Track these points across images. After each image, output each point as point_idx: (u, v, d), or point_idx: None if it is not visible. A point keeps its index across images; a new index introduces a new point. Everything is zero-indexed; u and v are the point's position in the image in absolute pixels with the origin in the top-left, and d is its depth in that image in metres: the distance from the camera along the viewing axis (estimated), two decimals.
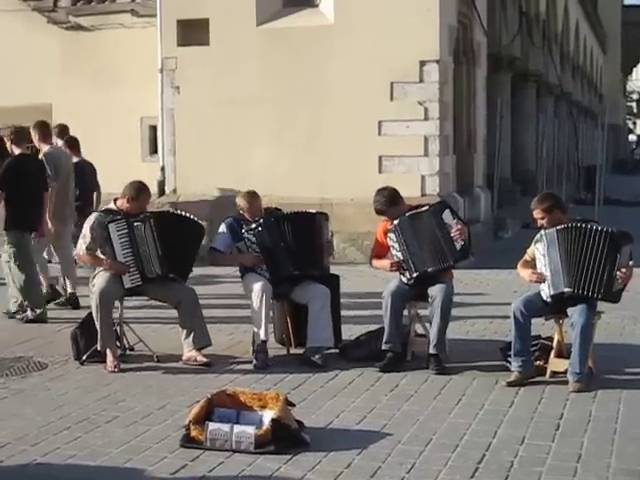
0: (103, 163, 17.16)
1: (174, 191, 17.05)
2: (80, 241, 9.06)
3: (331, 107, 15.92)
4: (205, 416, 6.71)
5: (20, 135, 11.44)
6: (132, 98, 17.65)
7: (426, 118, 15.64)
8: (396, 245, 8.86)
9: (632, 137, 78.33)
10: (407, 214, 8.87)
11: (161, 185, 17.19)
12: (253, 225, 9.09)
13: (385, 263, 9.00)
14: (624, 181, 38.04)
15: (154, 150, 17.94)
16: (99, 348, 8.81)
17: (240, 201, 9.29)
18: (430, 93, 15.61)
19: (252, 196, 9.31)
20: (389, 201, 8.95)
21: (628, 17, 58.12)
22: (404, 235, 8.82)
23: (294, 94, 16.09)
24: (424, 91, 15.61)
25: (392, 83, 15.64)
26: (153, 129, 17.88)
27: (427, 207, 8.93)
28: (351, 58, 15.73)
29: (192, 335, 8.88)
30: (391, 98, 15.70)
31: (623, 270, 7.91)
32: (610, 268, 7.89)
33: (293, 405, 6.94)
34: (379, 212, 9.03)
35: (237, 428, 6.51)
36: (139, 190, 9.08)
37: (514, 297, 11.69)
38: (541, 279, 8.13)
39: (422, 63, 15.55)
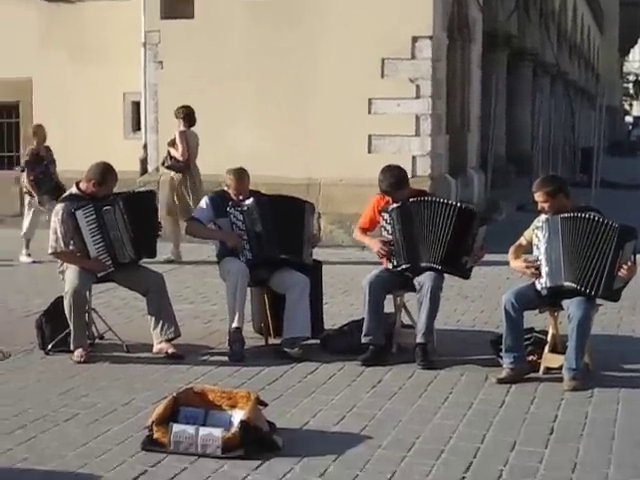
0: (85, 140, 16.84)
1: (157, 170, 16.47)
2: (52, 237, 8.47)
3: (320, 84, 15.40)
4: (170, 416, 6.22)
5: None
6: (115, 73, 17.04)
7: (418, 96, 15.14)
8: (389, 227, 8.33)
9: (628, 119, 77.71)
10: (412, 199, 8.31)
11: (143, 163, 16.72)
12: (246, 202, 8.58)
13: (374, 242, 8.44)
14: (620, 163, 37.53)
15: (137, 127, 17.36)
16: (72, 347, 8.34)
17: (228, 177, 8.80)
18: (422, 70, 15.10)
19: (241, 173, 8.82)
20: (398, 182, 8.42)
21: None
22: (403, 220, 8.28)
23: (281, 71, 15.54)
24: (416, 68, 15.09)
25: (383, 59, 15.13)
26: (136, 105, 17.31)
27: (452, 201, 8.44)
28: (341, 34, 15.20)
29: (160, 325, 8.41)
30: (382, 75, 15.19)
31: (625, 267, 7.37)
32: (612, 265, 7.35)
33: (265, 405, 6.44)
34: (385, 192, 8.47)
35: (203, 430, 6.02)
36: (105, 173, 8.55)
37: (506, 285, 11.41)
38: (536, 275, 7.59)
39: (414, 39, 15.02)
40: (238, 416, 6.15)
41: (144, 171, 16.68)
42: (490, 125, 20.38)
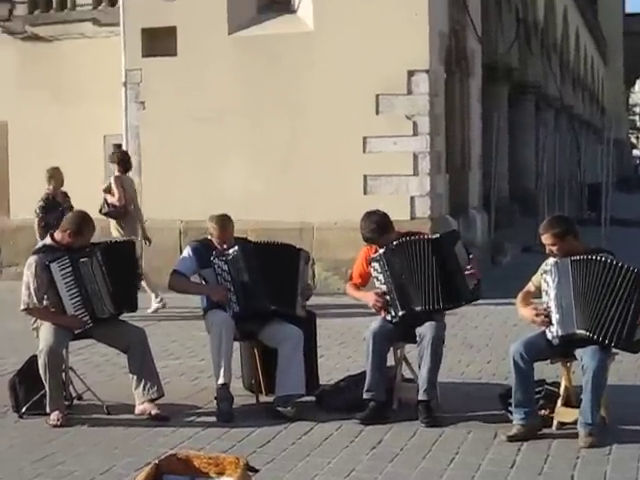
0: (65, 185, 16.56)
1: None
2: (24, 292, 8.23)
3: (311, 122, 15.25)
4: None
5: None
6: (95, 114, 16.93)
7: (415, 133, 14.97)
8: (380, 277, 8.14)
9: (636, 152, 77.81)
10: (395, 242, 8.13)
11: None
12: (230, 250, 8.38)
13: (368, 295, 8.25)
14: (629, 199, 37.44)
15: None
16: (48, 410, 8.10)
17: (210, 225, 8.60)
18: (419, 106, 14.94)
19: (224, 220, 8.61)
20: (380, 228, 8.21)
21: (630, 26, 57.71)
22: (390, 266, 8.08)
23: (270, 108, 15.41)
24: (413, 104, 14.94)
25: (377, 95, 14.98)
26: (118, 148, 17.06)
27: (434, 235, 8.24)
28: (333, 68, 15.08)
29: (142, 385, 8.18)
30: (377, 112, 15.04)
31: None
32: (634, 314, 7.13)
33: (256, 471, 6.16)
34: (367, 240, 8.30)
35: None
36: (82, 222, 8.35)
37: (514, 332, 11.21)
38: (546, 323, 7.38)
39: (410, 73, 14.88)
40: None
41: None
42: (492, 162, 20.20)
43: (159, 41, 15.87)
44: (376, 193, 14.97)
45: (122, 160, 14.15)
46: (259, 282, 8.33)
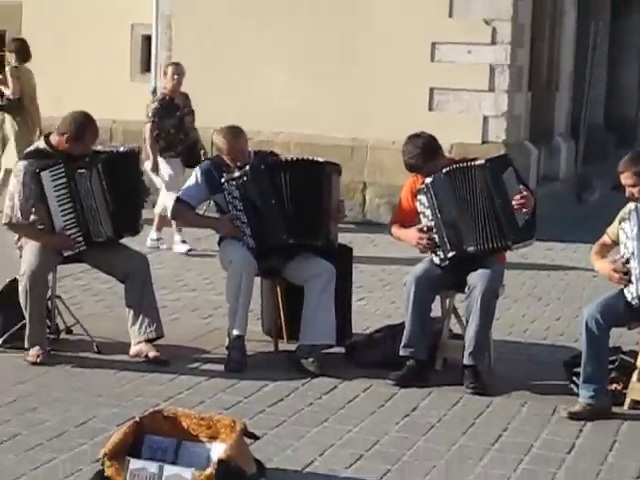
0: (84, 82, 16.35)
1: None
2: (8, 203, 7.95)
3: (371, 23, 14.76)
4: (131, 446, 5.67)
5: None
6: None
7: (494, 42, 14.47)
8: (427, 212, 7.78)
9: None
10: (444, 170, 7.73)
11: None
12: (237, 173, 7.98)
13: (410, 234, 7.88)
14: None
15: (147, 67, 16.77)
16: (26, 345, 7.88)
17: (218, 139, 8.27)
18: (501, 9, 14.42)
19: (234, 133, 8.26)
20: (425, 153, 7.84)
21: None
22: (439, 199, 7.71)
23: (325, 3, 14.92)
24: (493, 6, 14.41)
25: None
26: (147, 40, 16.73)
27: (478, 161, 7.78)
28: None
29: (139, 322, 7.91)
30: (450, 14, 14.54)
31: None
32: None
33: (255, 438, 5.89)
34: (411, 168, 7.97)
35: (169, 470, 5.48)
36: (83, 126, 8.00)
37: (592, 285, 10.78)
38: (625, 281, 6.94)
39: None
40: (218, 451, 5.60)
41: None
42: (586, 82, 19.62)
43: None
44: (443, 110, 14.58)
45: (20, 49, 14.15)
46: (275, 209, 8.00)
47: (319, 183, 8.17)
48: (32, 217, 7.95)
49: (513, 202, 7.58)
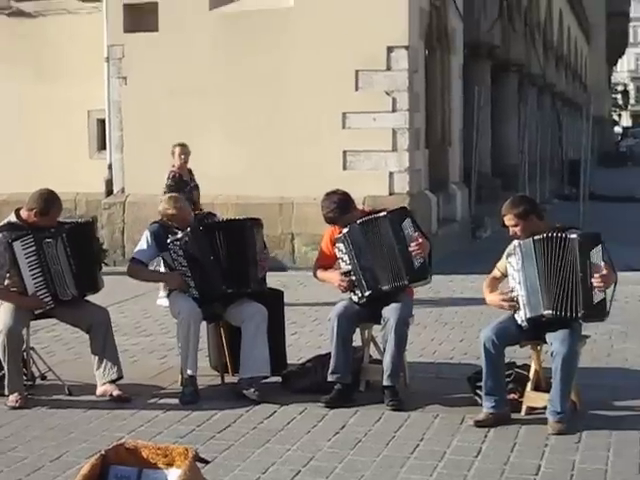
0: (49, 161, 16.08)
1: (122, 190, 15.74)
2: None
3: (291, 98, 14.69)
4: (98, 477, 5.42)
5: None
6: (79, 90, 16.22)
7: (394, 109, 14.41)
8: (345, 257, 7.61)
9: (617, 129, 77.11)
10: (359, 221, 7.58)
11: (109, 184, 15.95)
12: (179, 235, 7.79)
13: (333, 276, 7.73)
14: (610, 175, 36.91)
15: (103, 146, 16.54)
16: (6, 392, 7.57)
17: (163, 207, 8.03)
18: (399, 82, 14.37)
19: (177, 200, 8.08)
20: (340, 207, 7.68)
21: (613, 7, 56.84)
22: (355, 246, 7.56)
23: (251, 84, 14.83)
24: (392, 80, 14.36)
25: (357, 71, 14.41)
26: (102, 123, 16.52)
27: (384, 213, 7.65)
28: (312, 44, 14.50)
29: (103, 366, 7.67)
30: (356, 88, 14.47)
31: (597, 276, 6.60)
32: (583, 279, 6.60)
33: (206, 462, 5.63)
34: (329, 220, 7.78)
35: None
36: (49, 202, 7.73)
37: (489, 310, 10.60)
38: (514, 307, 6.84)
39: (390, 49, 14.31)
40: (174, 476, 5.38)
41: (109, 192, 15.91)
42: (474, 138, 19.62)
43: (141, 17, 15.25)
44: (355, 169, 14.45)
45: None
46: (213, 265, 7.76)
47: (244, 237, 7.91)
48: (6, 282, 7.72)
49: (410, 248, 7.46)
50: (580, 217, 18.19)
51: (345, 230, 7.58)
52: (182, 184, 11.90)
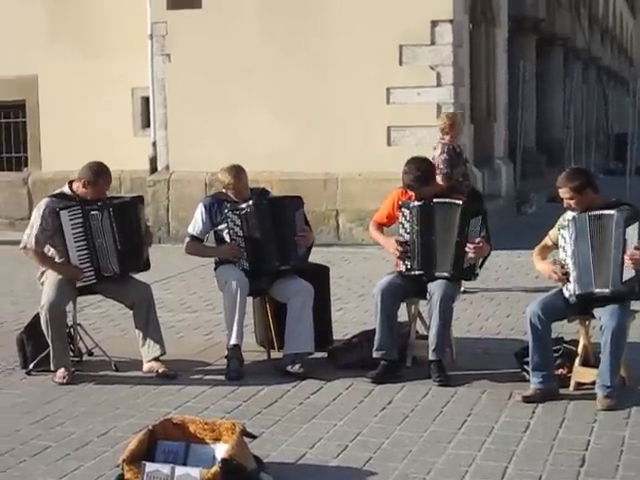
0: (94, 138, 16.10)
1: (167, 168, 15.75)
2: (27, 232, 7.71)
3: (335, 74, 14.61)
4: (146, 452, 5.44)
5: None
6: (123, 67, 16.24)
7: (439, 84, 14.33)
8: (407, 225, 7.48)
9: None
10: (436, 200, 7.45)
11: (153, 162, 15.97)
12: (243, 205, 7.74)
13: (389, 242, 7.59)
14: None
15: (147, 124, 16.55)
16: (52, 367, 7.60)
17: (224, 176, 7.92)
18: (443, 56, 14.30)
19: (238, 170, 7.94)
20: (424, 177, 7.47)
21: None
22: (422, 222, 7.43)
23: (295, 61, 14.76)
24: (436, 54, 14.29)
25: (401, 46, 14.33)
26: (146, 100, 16.51)
27: (460, 202, 7.47)
28: (356, 20, 14.42)
29: (147, 343, 7.67)
30: (400, 62, 14.39)
31: (629, 253, 6.50)
32: (617, 256, 6.52)
33: (253, 437, 5.66)
34: (409, 187, 7.55)
35: (179, 470, 5.23)
36: (97, 173, 7.74)
37: (535, 285, 10.57)
38: (563, 280, 6.75)
39: (434, 23, 14.22)
40: (221, 450, 5.38)
41: (154, 170, 15.93)
42: (519, 113, 19.44)
43: None
44: (400, 144, 14.32)
45: None
46: (269, 240, 7.72)
47: (292, 215, 7.89)
48: (52, 251, 7.74)
49: (467, 246, 7.34)
50: (627, 191, 17.98)
51: (418, 203, 7.43)
52: (458, 159, 11.30)
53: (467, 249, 7.32)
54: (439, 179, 10.40)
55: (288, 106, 14.82)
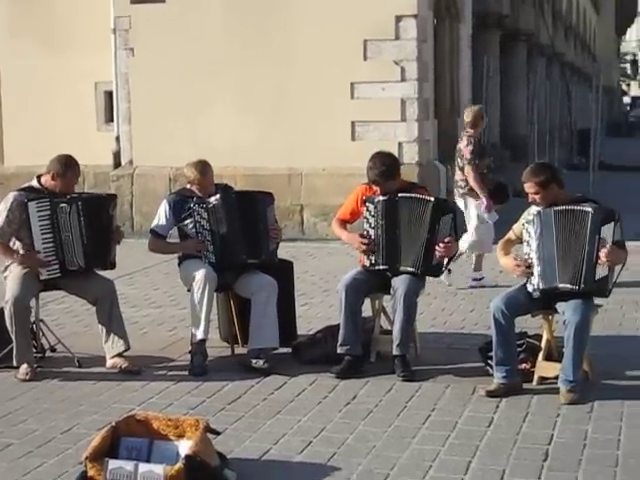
0: (57, 133, 15.97)
1: (130, 163, 15.66)
2: None
3: (299, 69, 14.55)
4: (109, 449, 5.41)
5: None
6: (86, 62, 16.05)
7: (403, 79, 14.27)
8: (372, 221, 7.48)
9: (626, 99, 76.66)
10: (401, 195, 7.45)
11: (116, 156, 15.85)
12: (211, 198, 7.72)
13: (353, 237, 7.61)
14: (619, 145, 36.70)
15: (111, 118, 16.43)
16: (15, 363, 7.54)
17: (190, 172, 7.90)
18: (407, 51, 14.23)
19: (204, 166, 7.91)
20: (389, 172, 7.48)
21: None
22: (387, 218, 7.43)
23: (259, 55, 14.68)
24: (401, 49, 14.22)
25: (365, 41, 14.25)
26: (109, 95, 16.40)
27: (432, 199, 7.46)
28: (320, 14, 14.35)
29: (110, 338, 7.63)
30: (364, 57, 14.32)
31: (604, 252, 6.53)
32: (590, 253, 6.54)
33: (217, 433, 5.62)
34: (374, 183, 7.55)
35: (143, 467, 5.21)
36: (66, 165, 7.70)
37: (500, 279, 10.62)
38: (527, 274, 6.77)
39: (398, 18, 14.15)
40: (185, 447, 5.36)
41: (117, 164, 15.83)
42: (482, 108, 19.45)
43: None
44: (364, 139, 14.26)
45: None
46: (237, 234, 7.70)
47: (258, 210, 7.87)
48: (17, 245, 7.67)
49: (436, 247, 7.33)
50: (590, 187, 18.07)
51: (382, 197, 7.43)
52: (484, 150, 11.32)
53: (437, 248, 7.31)
54: (468, 169, 10.61)
55: (252, 101, 14.76)
